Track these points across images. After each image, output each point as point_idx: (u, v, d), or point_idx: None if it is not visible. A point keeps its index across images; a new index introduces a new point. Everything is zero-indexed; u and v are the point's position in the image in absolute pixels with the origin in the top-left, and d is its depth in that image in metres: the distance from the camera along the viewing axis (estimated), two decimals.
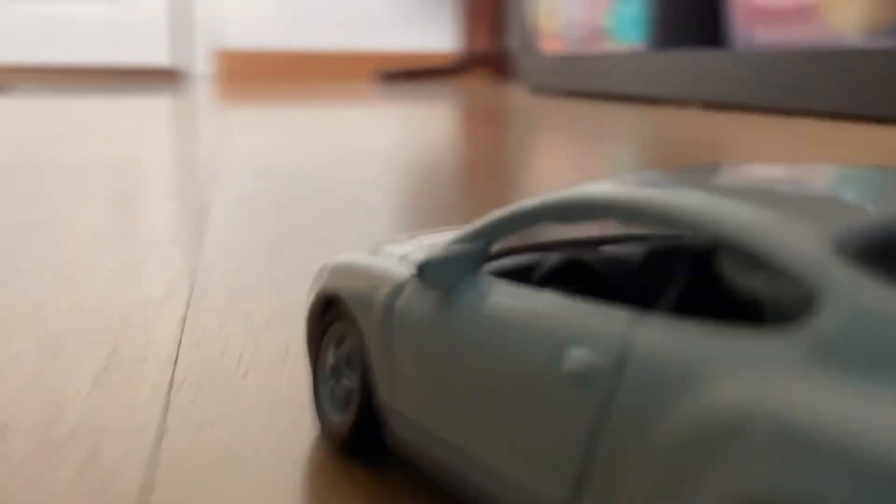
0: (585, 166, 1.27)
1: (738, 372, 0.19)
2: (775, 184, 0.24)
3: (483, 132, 1.88)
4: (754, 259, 0.23)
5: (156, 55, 5.48)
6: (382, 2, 5.68)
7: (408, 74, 5.13)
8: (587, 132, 1.87)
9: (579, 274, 0.30)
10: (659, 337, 0.21)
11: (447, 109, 2.63)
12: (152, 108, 2.61)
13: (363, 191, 1.04)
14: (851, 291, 0.18)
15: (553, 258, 0.30)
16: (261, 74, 5.63)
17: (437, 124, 2.08)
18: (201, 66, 5.57)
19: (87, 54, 5.42)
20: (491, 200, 0.98)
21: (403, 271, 0.31)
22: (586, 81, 3.15)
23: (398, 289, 0.30)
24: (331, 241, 0.75)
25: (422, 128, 1.98)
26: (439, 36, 5.78)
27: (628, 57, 2.88)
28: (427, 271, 0.28)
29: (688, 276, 0.25)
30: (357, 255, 0.34)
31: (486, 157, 1.41)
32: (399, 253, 0.33)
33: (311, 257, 0.69)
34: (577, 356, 0.23)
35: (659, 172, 0.27)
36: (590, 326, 0.23)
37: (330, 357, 0.34)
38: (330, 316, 0.34)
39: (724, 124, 2.00)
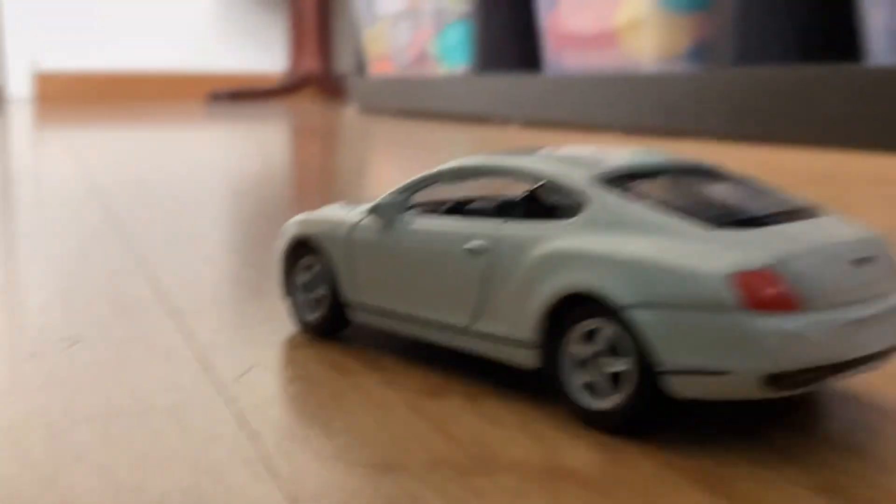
0: (412, 174, 1.47)
1: (554, 237, 0.41)
2: (568, 153, 0.47)
3: (315, 148, 2.06)
4: (555, 189, 0.44)
5: None
6: (213, 24, 5.74)
7: (238, 95, 5.22)
8: (415, 146, 2.08)
9: (463, 210, 0.53)
10: (515, 228, 0.43)
11: (278, 128, 2.79)
12: None
13: (190, 210, 1.11)
14: (600, 198, 0.41)
15: (447, 203, 0.53)
16: (88, 97, 5.57)
17: (269, 142, 2.24)
18: (23, 88, 5.45)
19: None
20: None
21: (354, 215, 0.52)
22: (414, 102, 3.38)
23: (355, 226, 0.51)
24: (152, 261, 0.79)
25: (253, 146, 2.13)
26: (269, 58, 5.89)
27: (452, 80, 3.12)
28: (378, 210, 0.49)
29: (522, 205, 0.47)
30: (314, 213, 0.55)
31: (319, 169, 1.59)
32: (342, 209, 0.54)
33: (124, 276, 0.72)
34: (472, 242, 0.45)
35: (506, 151, 0.49)
36: (477, 228, 0.45)
37: (302, 278, 0.55)
38: (299, 252, 0.55)
39: (538, 139, 2.27)
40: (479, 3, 2.97)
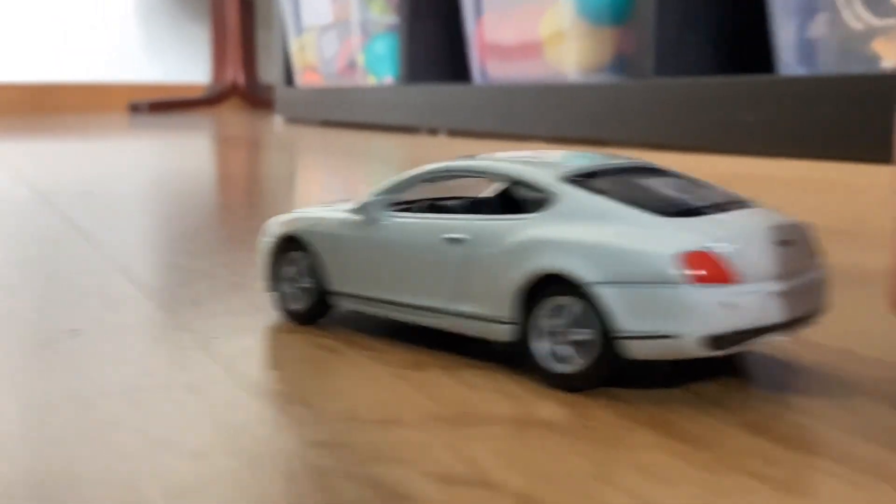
0: (341, 179, 1.54)
1: (526, 227, 0.49)
2: (530, 156, 0.55)
3: (244, 157, 2.10)
4: (526, 187, 0.51)
5: None
6: (134, 34, 5.70)
7: (159, 106, 5.20)
8: (343, 153, 2.14)
9: (439, 207, 0.60)
10: (490, 221, 0.51)
11: (204, 137, 2.82)
12: None
13: (108, 220, 1.11)
14: (566, 193, 0.48)
15: (422, 202, 0.60)
16: (4, 109, 5.47)
17: (194, 151, 2.28)
18: None
19: None
20: (249, 217, 1.14)
21: (338, 214, 0.58)
22: (342, 113, 3.43)
23: (340, 223, 0.57)
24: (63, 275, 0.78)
25: (178, 155, 2.16)
26: (192, 68, 5.86)
27: (380, 90, 3.18)
28: (362, 209, 0.56)
29: (495, 201, 0.56)
30: (297, 213, 0.61)
31: (249, 177, 1.64)
32: (322, 209, 0.60)
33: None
34: (450, 232, 0.52)
35: (480, 155, 0.56)
36: (454, 221, 0.52)
37: (288, 271, 0.61)
38: (284, 248, 0.61)
39: (467, 147, 2.35)
40: (405, 15, 3.04)
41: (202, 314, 0.65)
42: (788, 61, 1.89)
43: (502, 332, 0.50)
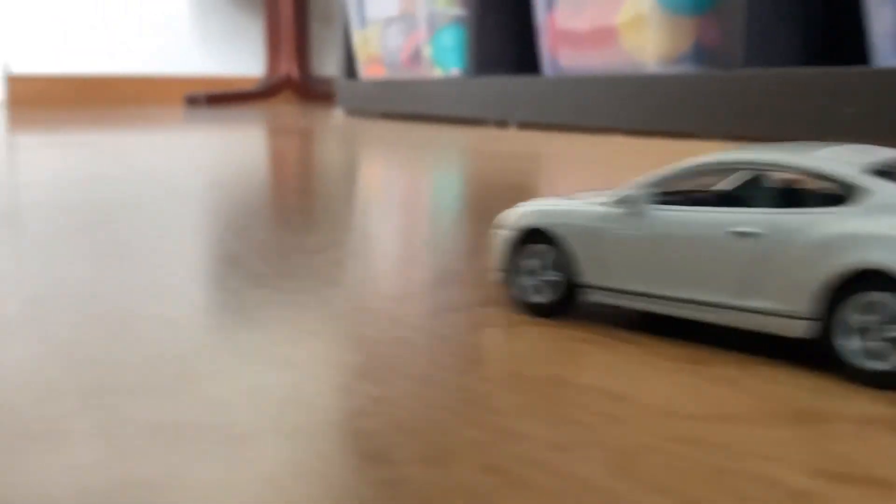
0: (413, 169, 1.52)
1: (832, 222, 0.46)
2: (829, 151, 0.52)
3: (307, 147, 2.09)
4: (827, 180, 0.49)
5: None
6: (189, 27, 5.73)
7: (215, 98, 5.22)
8: (412, 144, 2.12)
9: (695, 202, 0.58)
10: (785, 216, 0.48)
11: (269, 130, 2.81)
12: None
13: (175, 211, 1.10)
14: (877, 186, 0.46)
15: (677, 196, 0.57)
16: (63, 100, 5.53)
17: (270, 142, 2.27)
18: None
19: None
20: (325, 209, 1.16)
21: (594, 206, 0.56)
22: (405, 105, 3.42)
23: (599, 215, 0.55)
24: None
25: (241, 146, 2.16)
26: (246, 61, 5.89)
27: (446, 82, 3.16)
28: (627, 201, 0.54)
29: (787, 195, 0.53)
30: (535, 206, 0.59)
31: (311, 167, 1.63)
32: (566, 201, 0.58)
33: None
34: (741, 227, 0.49)
35: (755, 146, 0.53)
36: (742, 214, 0.50)
37: (530, 264, 0.58)
38: (526, 241, 0.58)
39: (539, 140, 2.32)
40: (474, 5, 3.01)
41: (422, 309, 0.62)
42: (884, 51, 1.84)
43: (799, 328, 0.48)
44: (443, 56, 3.22)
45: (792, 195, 0.56)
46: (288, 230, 0.95)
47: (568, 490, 0.34)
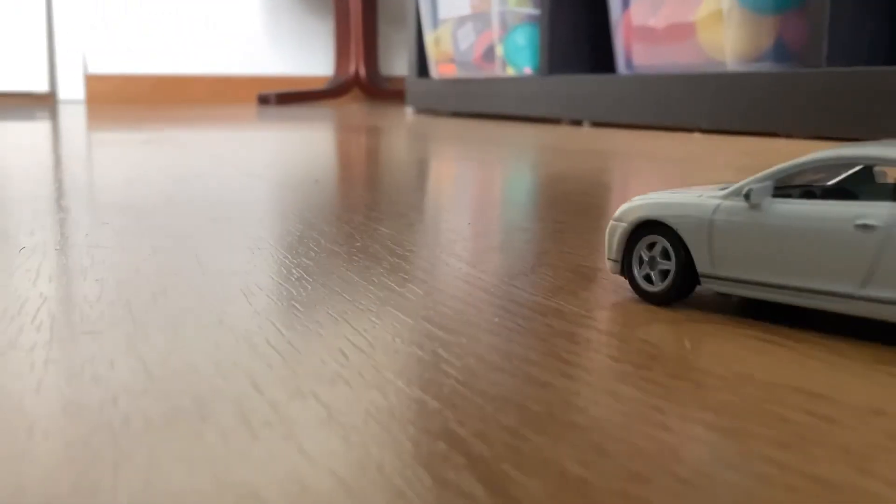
0: (490, 165, 1.52)
1: None
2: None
3: (382, 143, 2.10)
4: None
5: (28, 80, 5.42)
6: (260, 28, 5.81)
7: (287, 96, 5.29)
8: (485, 141, 2.13)
9: (811, 195, 0.59)
10: None
11: (342, 127, 2.84)
12: (19, 133, 2.67)
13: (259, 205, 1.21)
14: None
15: (793, 189, 0.59)
16: (138, 99, 5.65)
17: (332, 139, 2.29)
18: (74, 91, 5.54)
19: None
20: (409, 202, 1.20)
21: (710, 199, 0.57)
22: (476, 104, 3.43)
23: (717, 207, 0.57)
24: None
25: (317, 143, 2.18)
26: (315, 61, 5.96)
27: (519, 81, 3.17)
28: (751, 195, 0.55)
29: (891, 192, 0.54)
30: (656, 197, 0.61)
31: (389, 161, 1.64)
32: (677, 194, 0.60)
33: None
34: (864, 219, 0.50)
35: (859, 143, 0.54)
36: (864, 208, 0.51)
37: (645, 254, 0.61)
38: (639, 233, 0.61)
39: (614, 138, 2.31)
40: (546, 4, 3.01)
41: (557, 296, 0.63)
42: None
43: None
44: (515, 55, 3.22)
45: None
46: (378, 219, 0.96)
47: (809, 488, 0.33)
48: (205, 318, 0.56)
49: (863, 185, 0.60)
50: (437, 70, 3.81)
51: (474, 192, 1.24)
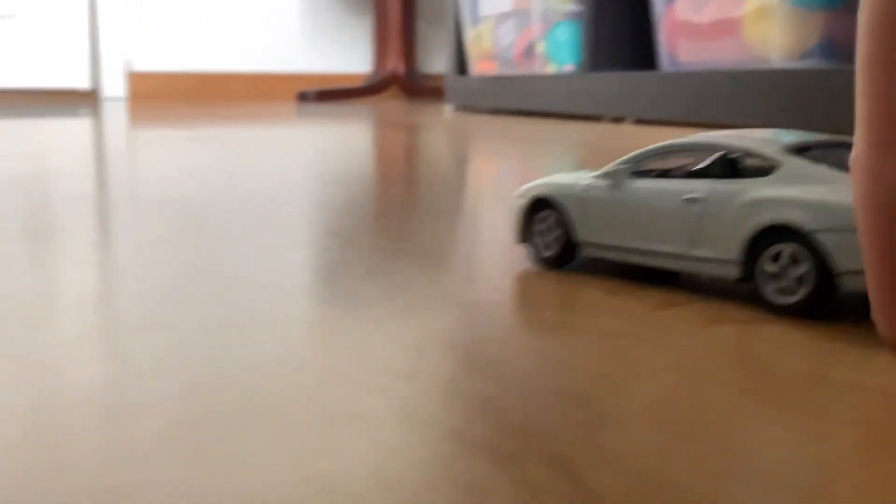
0: (528, 159, 1.51)
1: (755, 189, 0.60)
2: (750, 133, 0.64)
3: (422, 140, 2.10)
4: (754, 157, 0.61)
5: (71, 77, 5.49)
6: (299, 26, 5.84)
7: (326, 94, 5.31)
8: (526, 138, 2.12)
9: (672, 175, 0.69)
10: (724, 184, 0.61)
11: (383, 125, 2.84)
12: (63, 130, 2.70)
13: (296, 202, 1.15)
14: (789, 162, 0.60)
15: (656, 171, 0.69)
16: (179, 96, 5.71)
17: (372, 136, 2.29)
18: (117, 88, 5.60)
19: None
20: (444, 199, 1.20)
21: (585, 179, 0.69)
22: (517, 101, 3.42)
23: (588, 186, 0.69)
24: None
25: (357, 140, 2.18)
26: (353, 58, 5.98)
27: (560, 78, 3.15)
28: (609, 175, 0.67)
29: (723, 168, 0.64)
30: (546, 179, 0.72)
31: (430, 158, 1.63)
32: (566, 176, 0.72)
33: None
34: (690, 194, 0.62)
35: (707, 134, 0.65)
36: (691, 185, 0.63)
37: (540, 227, 0.72)
38: (535, 209, 0.72)
39: (658, 135, 2.29)
40: (589, 1, 3.00)
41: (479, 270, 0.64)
42: None
43: (732, 272, 0.61)
44: (557, 51, 3.21)
45: (734, 170, 0.68)
46: (422, 215, 0.96)
47: None
48: (274, 314, 0.57)
49: (713, 166, 0.68)
50: (476, 67, 3.81)
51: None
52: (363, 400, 0.41)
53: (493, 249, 0.80)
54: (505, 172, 1.45)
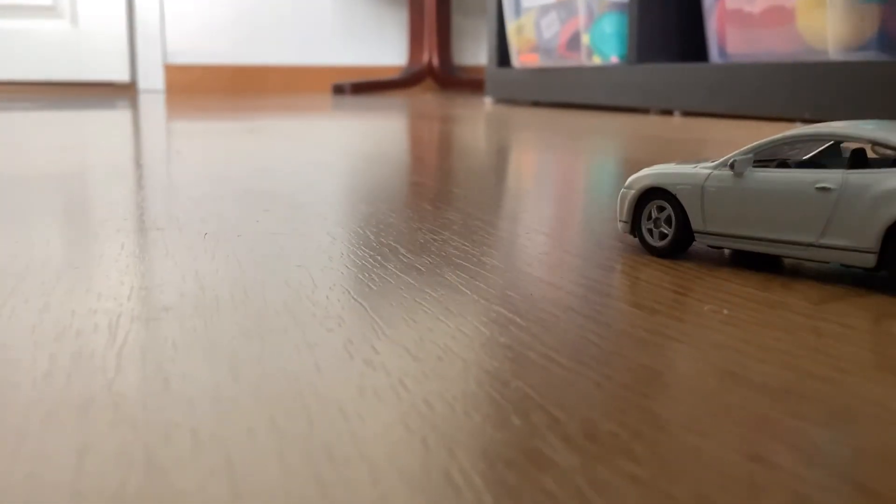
0: (577, 151, 1.51)
1: (888, 179, 0.59)
2: (877, 124, 0.65)
3: (468, 132, 2.10)
4: (887, 148, 0.61)
5: (110, 70, 5.53)
6: (335, 18, 5.85)
7: (361, 86, 5.32)
8: (573, 131, 2.11)
9: (799, 164, 0.70)
10: (856, 175, 0.61)
11: (422, 116, 2.84)
12: (101, 122, 2.71)
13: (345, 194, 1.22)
14: None
15: (776, 161, 0.70)
16: (216, 88, 5.73)
17: (418, 129, 2.29)
18: (154, 81, 5.64)
19: (37, 70, 5.44)
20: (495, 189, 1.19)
21: (703, 169, 0.69)
22: (559, 93, 3.41)
23: (710, 176, 0.69)
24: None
25: (396, 133, 2.18)
26: (388, 51, 5.98)
27: (605, 70, 3.14)
28: (735, 165, 0.67)
29: (854, 159, 0.66)
30: (655, 169, 0.72)
31: (477, 150, 1.63)
32: (678, 166, 0.72)
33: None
34: (822, 183, 0.62)
35: (822, 124, 0.65)
36: (822, 174, 0.63)
37: (652, 216, 0.72)
38: (646, 199, 0.72)
39: (707, 128, 2.28)
40: None
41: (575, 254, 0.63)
42: None
43: (867, 261, 0.61)
44: (602, 43, 3.20)
45: (862, 160, 0.68)
46: (473, 206, 0.96)
47: None
48: (322, 311, 0.57)
49: (829, 157, 0.71)
50: (518, 59, 3.80)
51: (575, 182, 1.23)
52: (413, 389, 0.41)
53: (603, 241, 0.79)
54: (582, 164, 1.45)
